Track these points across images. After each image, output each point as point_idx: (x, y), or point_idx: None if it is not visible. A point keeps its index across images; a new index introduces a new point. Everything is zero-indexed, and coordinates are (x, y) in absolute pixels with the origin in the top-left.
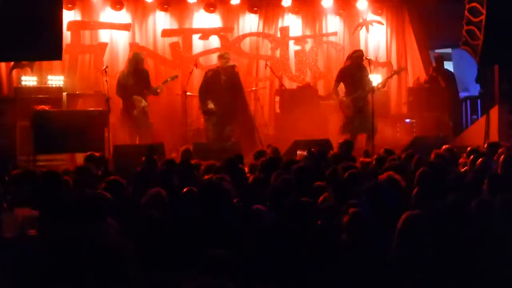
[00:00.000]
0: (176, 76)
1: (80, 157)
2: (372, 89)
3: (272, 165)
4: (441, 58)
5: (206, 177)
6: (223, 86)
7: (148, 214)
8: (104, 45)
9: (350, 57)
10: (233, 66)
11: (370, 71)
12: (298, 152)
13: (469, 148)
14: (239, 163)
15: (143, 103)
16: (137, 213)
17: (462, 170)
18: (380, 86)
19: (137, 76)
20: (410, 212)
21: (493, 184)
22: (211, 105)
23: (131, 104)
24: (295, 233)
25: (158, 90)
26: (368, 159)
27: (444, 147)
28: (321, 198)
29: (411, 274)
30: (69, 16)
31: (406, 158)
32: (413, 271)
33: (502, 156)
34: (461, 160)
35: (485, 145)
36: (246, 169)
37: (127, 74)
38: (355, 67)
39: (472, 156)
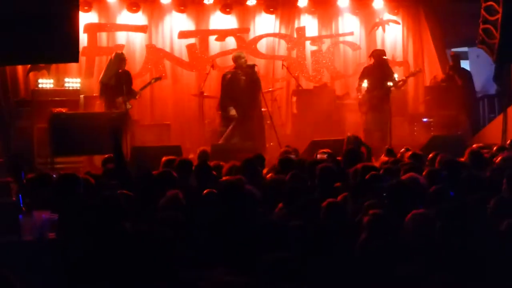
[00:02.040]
0: (160, 78)
1: (98, 160)
2: (389, 88)
3: (290, 166)
4: (457, 57)
5: (224, 178)
6: (243, 87)
7: (167, 216)
8: (121, 47)
9: (372, 55)
10: (253, 66)
11: None
12: (318, 155)
13: (495, 147)
14: (257, 164)
15: (128, 105)
16: (154, 215)
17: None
18: (401, 84)
19: (119, 77)
20: (416, 211)
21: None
22: (232, 112)
23: (114, 107)
24: (312, 232)
25: (137, 96)
26: (390, 158)
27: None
28: (339, 197)
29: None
30: (85, 18)
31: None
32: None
33: None
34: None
35: (508, 142)
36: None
37: (110, 75)
38: (376, 65)
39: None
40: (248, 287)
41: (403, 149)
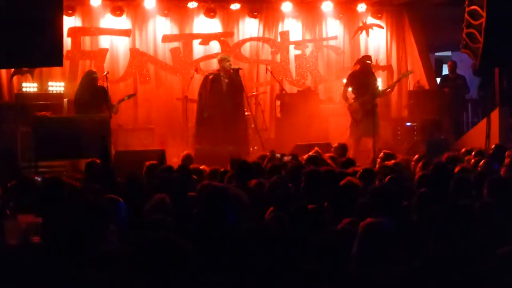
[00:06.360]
0: (134, 94)
1: (81, 164)
2: (379, 94)
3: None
4: (455, 64)
5: (206, 182)
6: (225, 90)
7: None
8: (105, 51)
9: (359, 61)
10: (238, 69)
11: None
12: (276, 155)
13: (474, 151)
14: (247, 168)
15: None
16: (140, 219)
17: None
18: (389, 90)
19: (94, 93)
20: (372, 219)
21: (493, 187)
22: (205, 114)
23: None
24: (301, 239)
25: (114, 110)
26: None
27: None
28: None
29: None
30: (69, 22)
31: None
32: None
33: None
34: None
35: (492, 147)
36: None
37: (83, 92)
38: (364, 71)
39: (475, 159)
40: None
41: (381, 154)
